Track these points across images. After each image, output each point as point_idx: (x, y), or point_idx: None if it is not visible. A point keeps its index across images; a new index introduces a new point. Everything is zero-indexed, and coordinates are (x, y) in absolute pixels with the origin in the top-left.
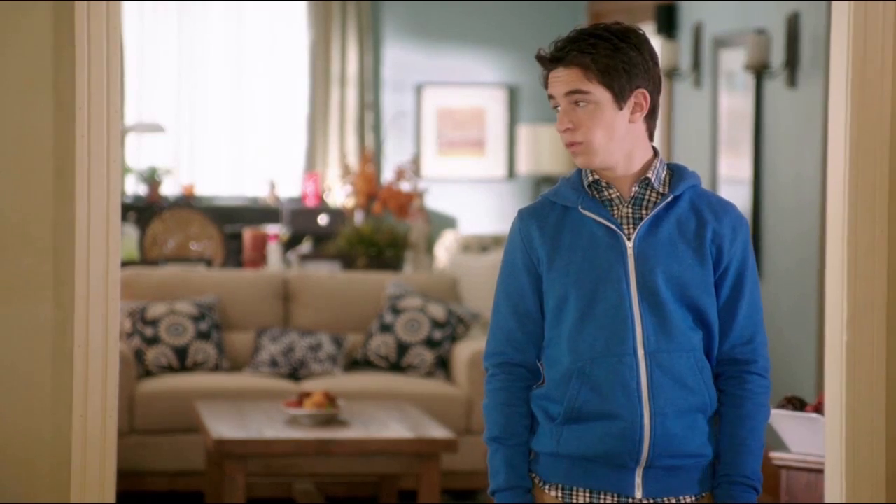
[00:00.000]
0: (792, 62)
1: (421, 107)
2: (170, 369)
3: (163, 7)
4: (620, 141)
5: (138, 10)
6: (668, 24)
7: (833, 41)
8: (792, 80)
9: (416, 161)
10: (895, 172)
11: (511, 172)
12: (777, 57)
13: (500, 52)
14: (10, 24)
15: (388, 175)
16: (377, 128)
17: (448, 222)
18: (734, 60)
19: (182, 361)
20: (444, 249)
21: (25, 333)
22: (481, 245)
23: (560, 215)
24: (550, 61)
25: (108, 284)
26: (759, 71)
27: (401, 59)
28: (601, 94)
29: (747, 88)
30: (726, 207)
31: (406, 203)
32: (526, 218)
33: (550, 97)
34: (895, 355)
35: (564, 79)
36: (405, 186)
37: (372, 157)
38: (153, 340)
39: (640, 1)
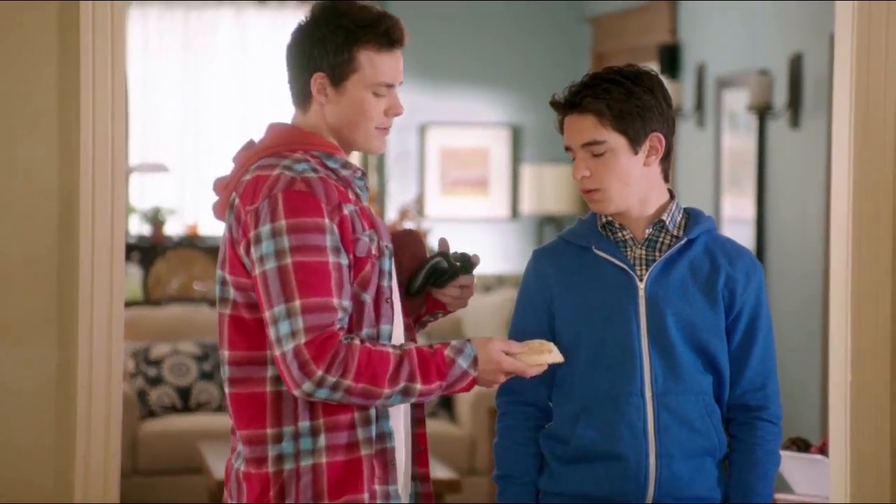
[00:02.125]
0: (795, 103)
1: (425, 146)
2: (173, 410)
3: (167, 46)
4: (636, 185)
5: (142, 50)
6: (671, 64)
7: (836, 82)
8: (795, 121)
9: (419, 200)
10: None
11: (514, 212)
12: (780, 97)
13: (503, 92)
14: (15, 65)
15: (391, 215)
16: (381, 167)
17: None
18: (737, 101)
19: (185, 402)
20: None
21: (29, 373)
22: (485, 285)
23: (574, 255)
24: (564, 106)
25: (111, 324)
26: (762, 111)
27: (405, 99)
28: (616, 141)
29: (750, 129)
30: (741, 253)
31: None
32: (540, 257)
33: (567, 148)
34: None
35: (579, 127)
36: (409, 226)
37: (376, 196)
38: (156, 381)
39: (644, 41)
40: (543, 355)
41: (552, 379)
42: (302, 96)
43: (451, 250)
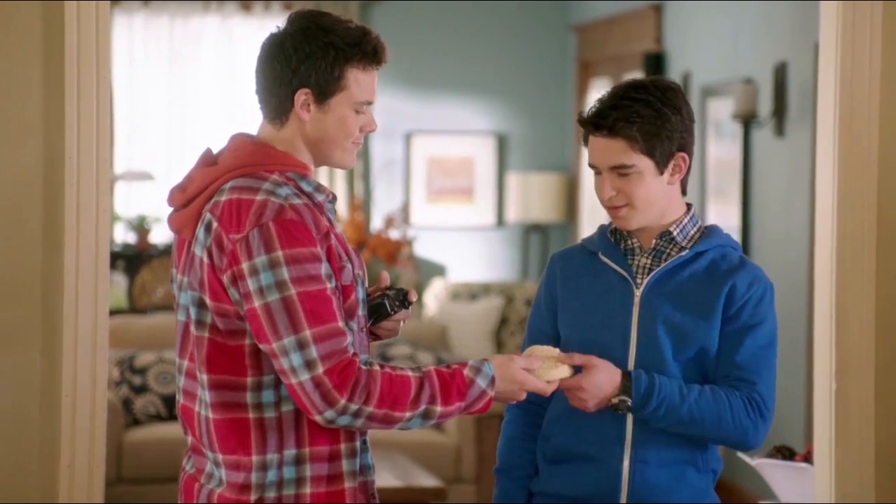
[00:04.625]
0: (779, 111)
1: (410, 155)
2: (158, 418)
3: (153, 54)
4: (658, 202)
5: (128, 58)
6: (656, 72)
7: (820, 90)
8: (780, 130)
9: (405, 209)
10: (882, 222)
11: (500, 220)
12: (765, 106)
13: (489, 100)
14: None
15: (377, 223)
16: (367, 176)
17: (437, 270)
18: (722, 109)
19: (170, 410)
20: (433, 297)
21: (13, 382)
22: (470, 293)
23: (585, 260)
24: (593, 127)
25: (96, 333)
26: (747, 120)
27: (390, 107)
28: (644, 164)
29: (735, 137)
30: (746, 266)
31: (395, 251)
32: (556, 259)
33: (592, 166)
34: (883, 405)
35: (608, 150)
36: (394, 234)
37: (361, 204)
38: (141, 389)
39: (629, 50)
40: (555, 370)
41: None
42: (280, 110)
43: (391, 285)
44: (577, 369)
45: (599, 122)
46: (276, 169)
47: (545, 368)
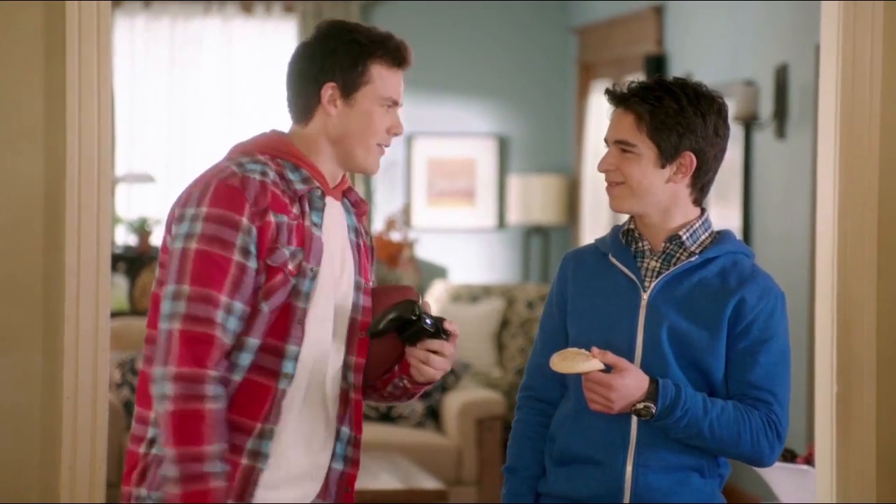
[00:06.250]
0: (781, 113)
1: (412, 157)
2: None
3: (154, 56)
4: (655, 194)
5: (129, 60)
6: (657, 74)
7: (821, 92)
8: (781, 132)
9: (406, 211)
10: (883, 223)
11: (501, 222)
12: (766, 108)
13: (490, 102)
14: (0, 75)
15: (378, 225)
16: (367, 178)
17: (438, 272)
18: None
19: None
20: (435, 299)
21: (14, 384)
22: (471, 295)
23: (597, 260)
24: (616, 98)
25: (97, 335)
26: (748, 122)
27: None
28: (647, 149)
29: (736, 139)
30: (756, 276)
31: (396, 253)
32: (568, 259)
33: (605, 140)
34: (884, 406)
35: (619, 123)
36: (396, 236)
37: None
38: None
39: (630, 52)
40: (587, 363)
41: (565, 378)
42: (307, 108)
43: (432, 313)
44: (607, 369)
45: (622, 95)
46: (270, 153)
47: (578, 360)
